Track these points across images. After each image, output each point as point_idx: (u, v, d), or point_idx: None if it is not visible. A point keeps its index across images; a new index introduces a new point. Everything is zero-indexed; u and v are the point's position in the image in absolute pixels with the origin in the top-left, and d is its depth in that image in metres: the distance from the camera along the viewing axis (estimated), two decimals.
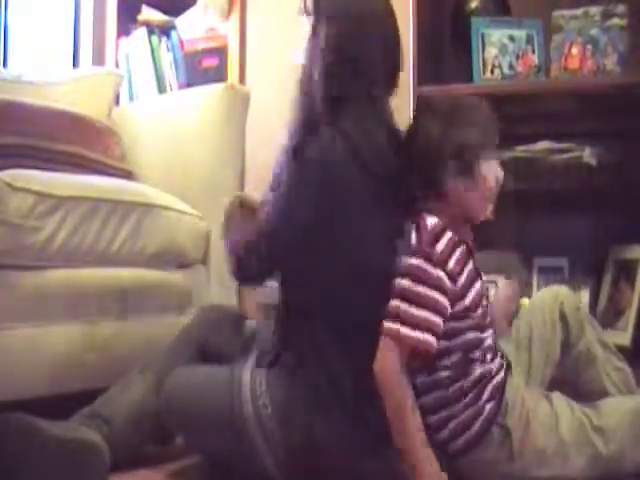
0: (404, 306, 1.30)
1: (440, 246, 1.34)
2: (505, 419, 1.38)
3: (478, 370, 1.37)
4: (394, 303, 1.31)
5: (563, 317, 1.53)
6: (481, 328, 1.39)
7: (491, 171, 1.41)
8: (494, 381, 1.40)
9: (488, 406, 1.38)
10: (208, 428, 1.41)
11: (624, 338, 2.05)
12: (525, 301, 2.14)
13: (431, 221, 1.36)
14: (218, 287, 2.01)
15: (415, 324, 1.29)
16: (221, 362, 1.51)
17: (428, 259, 1.32)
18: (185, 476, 1.53)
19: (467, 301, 1.37)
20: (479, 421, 1.37)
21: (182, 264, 1.94)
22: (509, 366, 1.47)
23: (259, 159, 2.62)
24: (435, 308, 1.31)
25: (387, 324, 1.30)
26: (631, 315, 2.08)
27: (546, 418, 1.41)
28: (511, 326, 1.55)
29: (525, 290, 2.24)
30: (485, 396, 1.38)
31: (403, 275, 1.32)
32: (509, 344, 1.56)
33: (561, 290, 1.57)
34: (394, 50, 1.47)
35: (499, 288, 1.80)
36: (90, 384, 1.67)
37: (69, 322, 1.66)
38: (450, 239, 1.36)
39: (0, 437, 1.34)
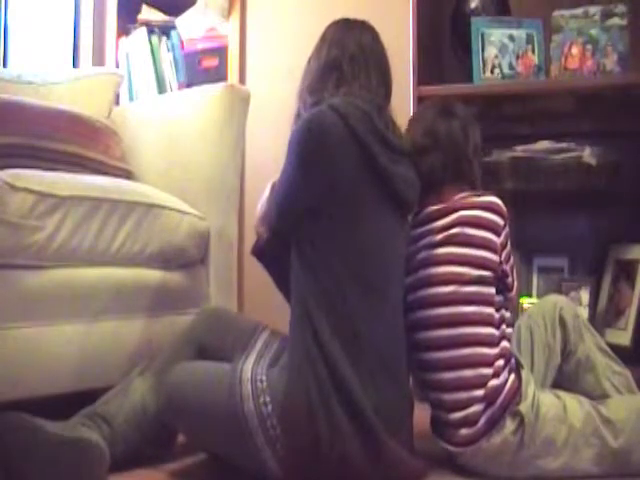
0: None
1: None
2: (518, 406, 1.41)
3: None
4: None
5: (562, 322, 1.58)
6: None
7: None
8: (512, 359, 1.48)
9: (511, 378, 1.43)
10: (209, 424, 1.41)
11: (624, 338, 2.05)
12: (526, 300, 2.15)
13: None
14: (218, 287, 2.01)
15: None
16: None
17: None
18: (185, 476, 1.52)
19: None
20: (502, 394, 1.41)
21: (182, 264, 1.94)
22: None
23: (259, 159, 2.63)
24: None
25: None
26: (631, 315, 2.08)
27: (555, 409, 1.43)
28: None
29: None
30: (508, 368, 1.45)
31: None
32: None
33: (559, 298, 1.66)
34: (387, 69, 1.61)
35: None
36: (90, 384, 1.67)
37: (69, 322, 1.66)
38: None
39: (0, 436, 1.34)
